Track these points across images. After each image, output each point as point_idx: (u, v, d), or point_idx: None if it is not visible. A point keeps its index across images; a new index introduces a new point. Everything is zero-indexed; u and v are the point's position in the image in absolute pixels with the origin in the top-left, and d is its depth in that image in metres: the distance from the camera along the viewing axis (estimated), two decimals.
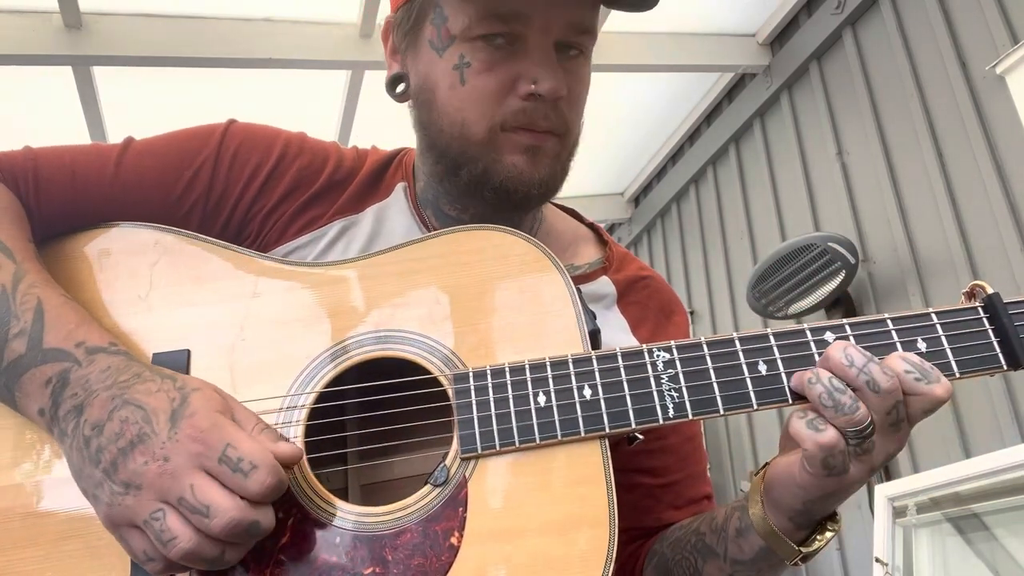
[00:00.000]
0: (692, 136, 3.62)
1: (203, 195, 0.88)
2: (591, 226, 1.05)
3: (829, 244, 2.43)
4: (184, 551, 0.62)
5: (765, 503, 0.74)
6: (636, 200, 4.16)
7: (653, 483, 0.94)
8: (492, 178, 0.84)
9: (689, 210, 3.70)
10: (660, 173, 3.93)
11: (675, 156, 3.78)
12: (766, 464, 0.76)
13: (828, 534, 0.74)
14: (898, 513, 2.12)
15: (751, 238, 3.21)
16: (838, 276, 2.44)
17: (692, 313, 3.57)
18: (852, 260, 2.42)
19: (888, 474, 2.37)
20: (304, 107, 3.09)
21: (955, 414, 2.21)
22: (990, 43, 2.19)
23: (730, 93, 3.36)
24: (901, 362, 0.68)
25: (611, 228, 4.33)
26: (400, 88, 0.92)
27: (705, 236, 3.56)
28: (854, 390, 0.67)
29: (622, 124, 3.55)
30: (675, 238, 3.81)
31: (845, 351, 0.69)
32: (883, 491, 2.17)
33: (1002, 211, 2.12)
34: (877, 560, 2.06)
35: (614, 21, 2.85)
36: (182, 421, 0.65)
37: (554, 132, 0.85)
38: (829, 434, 0.66)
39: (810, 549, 0.73)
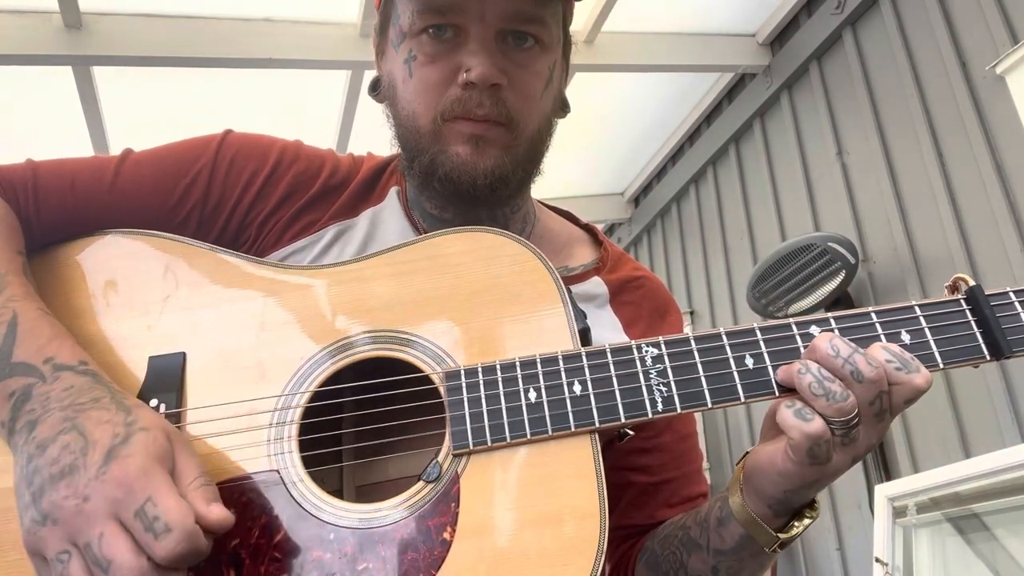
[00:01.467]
0: (692, 136, 3.62)
1: (200, 202, 0.89)
2: (586, 228, 1.06)
3: (829, 244, 2.43)
4: None
5: (744, 491, 0.75)
6: (636, 200, 4.16)
7: (647, 481, 0.95)
8: (438, 168, 0.86)
9: (689, 210, 3.70)
10: (660, 173, 3.93)
11: (675, 156, 3.79)
12: (747, 453, 0.77)
13: (806, 521, 0.75)
14: (898, 513, 2.12)
15: (751, 238, 3.21)
16: (838, 276, 2.44)
17: (692, 313, 3.57)
18: (852, 260, 2.42)
19: (888, 474, 2.37)
20: (304, 107, 3.09)
21: (955, 414, 2.21)
22: (990, 43, 2.19)
23: (730, 93, 3.36)
24: (883, 352, 0.70)
25: (611, 228, 4.33)
26: (378, 90, 0.95)
27: (705, 236, 3.56)
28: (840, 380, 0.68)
29: (622, 124, 3.55)
30: (675, 238, 3.81)
31: (831, 342, 0.70)
32: (883, 491, 2.17)
33: (1002, 211, 2.12)
34: (877, 560, 2.06)
35: (614, 21, 2.86)
36: (114, 461, 0.62)
37: (496, 121, 0.85)
38: (816, 424, 0.67)
39: (788, 536, 0.75)
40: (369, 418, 0.75)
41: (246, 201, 0.91)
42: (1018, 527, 1.93)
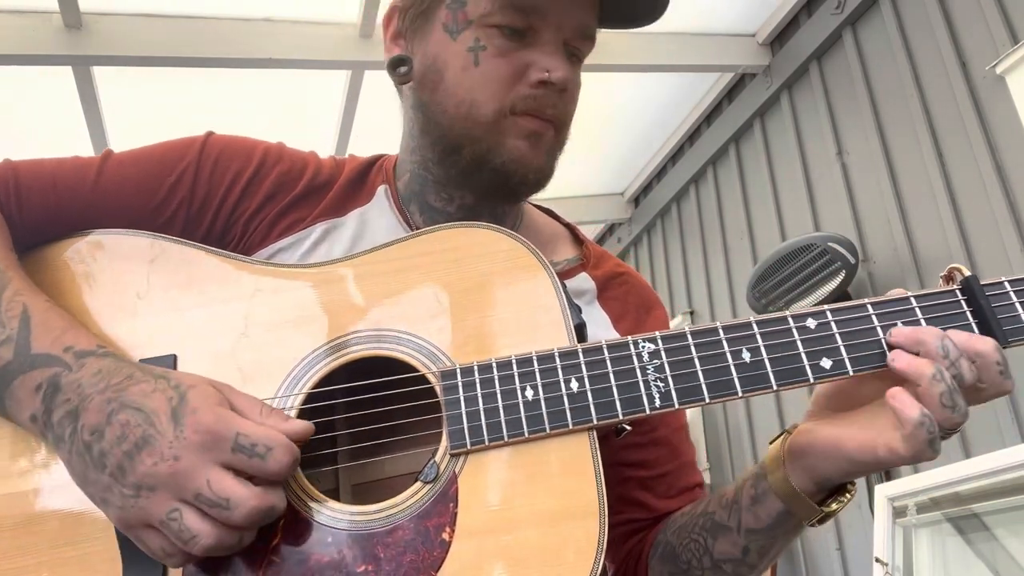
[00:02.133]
0: (692, 136, 3.62)
1: (185, 201, 0.89)
2: (567, 225, 1.07)
3: (829, 244, 2.43)
4: (207, 546, 0.63)
5: (789, 467, 0.76)
6: (636, 200, 4.16)
7: (646, 475, 0.95)
8: (493, 159, 0.87)
9: (689, 210, 3.69)
10: (660, 173, 3.93)
11: (675, 156, 3.78)
12: (785, 431, 0.77)
13: (847, 496, 0.76)
14: (898, 513, 2.12)
15: (751, 238, 3.21)
16: (838, 276, 2.44)
17: (692, 313, 3.57)
18: (852, 260, 2.42)
19: (888, 474, 2.37)
20: (304, 107, 3.09)
21: None
22: (990, 43, 2.19)
23: (730, 93, 3.35)
24: (995, 353, 0.69)
25: (611, 228, 4.33)
26: (402, 70, 0.94)
27: (705, 236, 3.55)
28: None
29: (622, 124, 3.55)
30: (675, 238, 3.80)
31: (943, 342, 0.69)
32: (883, 491, 2.17)
33: (1002, 211, 2.12)
34: (877, 560, 2.06)
35: None
36: (185, 419, 0.65)
37: (555, 122, 0.89)
38: (937, 449, 0.68)
39: (830, 509, 0.76)
40: (365, 418, 0.74)
41: (231, 200, 0.91)
42: (1018, 527, 1.93)
